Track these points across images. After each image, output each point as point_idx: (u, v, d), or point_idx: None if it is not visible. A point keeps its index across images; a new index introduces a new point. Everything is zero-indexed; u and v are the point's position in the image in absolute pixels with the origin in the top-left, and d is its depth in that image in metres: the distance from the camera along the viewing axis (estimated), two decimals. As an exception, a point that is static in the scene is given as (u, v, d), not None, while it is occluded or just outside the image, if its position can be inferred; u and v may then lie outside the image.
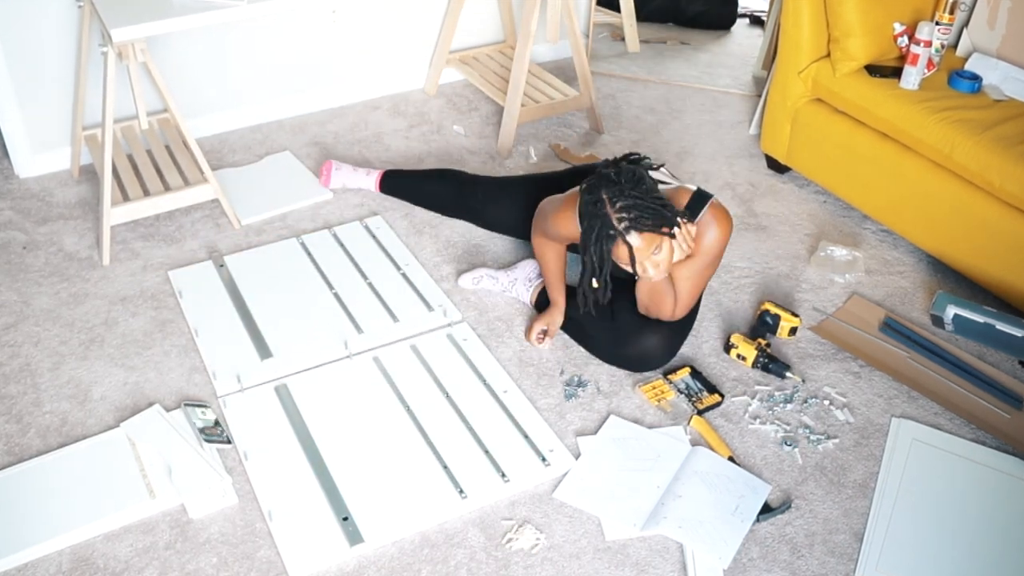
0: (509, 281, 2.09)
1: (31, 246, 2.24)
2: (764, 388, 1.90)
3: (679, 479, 1.66)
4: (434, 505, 1.61)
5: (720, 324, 2.07)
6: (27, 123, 2.43)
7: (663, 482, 1.66)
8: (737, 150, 2.77)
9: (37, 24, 2.32)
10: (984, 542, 1.59)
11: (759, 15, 3.69)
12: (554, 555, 1.54)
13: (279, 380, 1.85)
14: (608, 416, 1.80)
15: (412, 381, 1.86)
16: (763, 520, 1.61)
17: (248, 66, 2.68)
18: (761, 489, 1.66)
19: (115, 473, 1.64)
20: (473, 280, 2.11)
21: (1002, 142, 2.03)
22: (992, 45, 2.33)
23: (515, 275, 2.10)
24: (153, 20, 1.94)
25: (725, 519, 1.59)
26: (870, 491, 1.67)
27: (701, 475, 1.67)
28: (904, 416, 1.84)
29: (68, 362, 1.90)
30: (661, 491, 1.64)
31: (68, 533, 1.53)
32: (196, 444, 1.67)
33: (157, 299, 2.08)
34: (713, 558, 1.52)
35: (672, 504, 1.61)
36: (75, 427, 1.75)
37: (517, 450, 1.72)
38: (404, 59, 2.95)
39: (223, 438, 1.68)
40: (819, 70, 2.39)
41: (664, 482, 1.66)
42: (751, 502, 1.62)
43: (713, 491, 1.64)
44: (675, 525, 1.57)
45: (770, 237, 2.37)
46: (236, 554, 1.52)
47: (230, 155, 2.63)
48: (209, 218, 2.35)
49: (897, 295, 2.18)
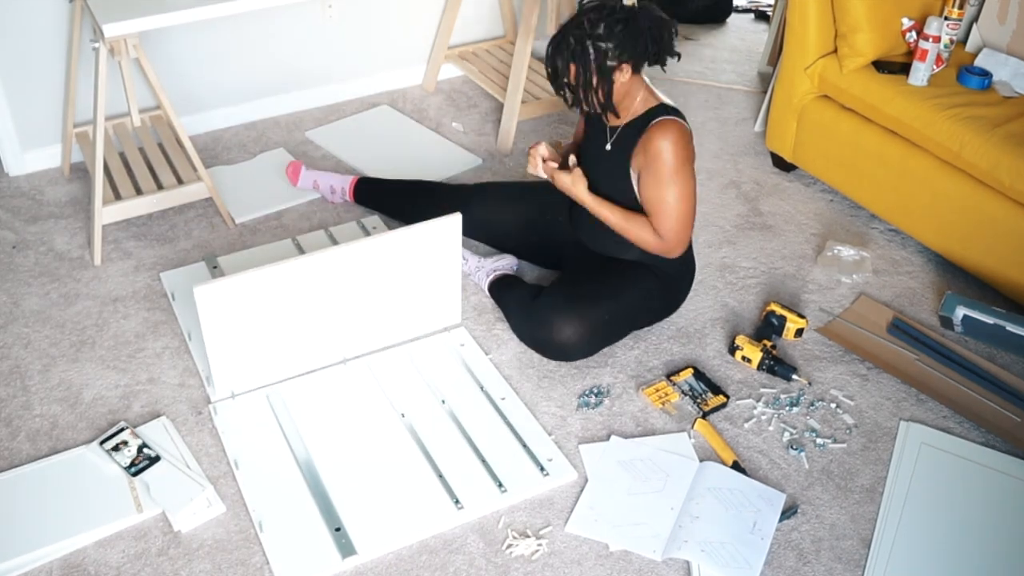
0: (476, 266, 2.09)
1: (21, 246, 2.21)
2: (770, 391, 1.86)
3: (692, 498, 1.62)
4: (429, 516, 1.57)
5: (725, 325, 2.03)
6: (17, 120, 2.40)
7: (676, 503, 1.61)
8: (742, 148, 2.73)
9: (27, 19, 2.29)
10: (994, 548, 1.56)
11: (764, 10, 3.65)
12: (555, 561, 1.51)
13: (271, 386, 1.82)
14: (610, 436, 1.75)
15: (407, 387, 1.83)
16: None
17: (242, 62, 2.65)
18: (776, 500, 1.62)
19: (104, 483, 1.61)
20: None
21: (1012, 139, 2.00)
22: (1002, 40, 2.29)
23: (483, 263, 2.09)
24: (145, 15, 1.91)
25: (744, 539, 1.54)
26: (878, 496, 1.65)
27: (715, 492, 1.63)
28: (913, 419, 1.81)
29: (59, 364, 1.87)
30: (676, 513, 1.60)
31: (59, 543, 1.50)
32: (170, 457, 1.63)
33: (149, 300, 2.05)
34: None
35: (690, 527, 1.56)
36: (66, 431, 1.72)
37: (515, 460, 1.68)
38: (402, 55, 2.92)
39: (151, 458, 1.63)
40: (826, 66, 2.36)
41: (678, 503, 1.61)
42: (768, 516, 1.59)
43: (729, 508, 1.60)
44: (697, 549, 1.52)
45: (776, 237, 2.34)
46: (230, 560, 1.50)
47: (224, 153, 2.60)
48: (203, 217, 2.32)
49: (905, 296, 2.15)
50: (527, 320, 1.87)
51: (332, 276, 1.77)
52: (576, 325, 1.81)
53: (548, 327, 1.82)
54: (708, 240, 2.32)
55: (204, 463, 1.66)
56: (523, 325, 1.89)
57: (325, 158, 2.59)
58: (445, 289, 1.94)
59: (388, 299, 1.86)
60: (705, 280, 2.17)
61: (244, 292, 1.67)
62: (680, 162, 1.73)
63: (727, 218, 2.41)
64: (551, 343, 1.83)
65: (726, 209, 2.45)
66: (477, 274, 2.09)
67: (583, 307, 1.82)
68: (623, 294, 1.86)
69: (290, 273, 1.71)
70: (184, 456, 1.66)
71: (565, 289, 1.87)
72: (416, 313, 1.94)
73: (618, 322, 1.87)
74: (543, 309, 1.84)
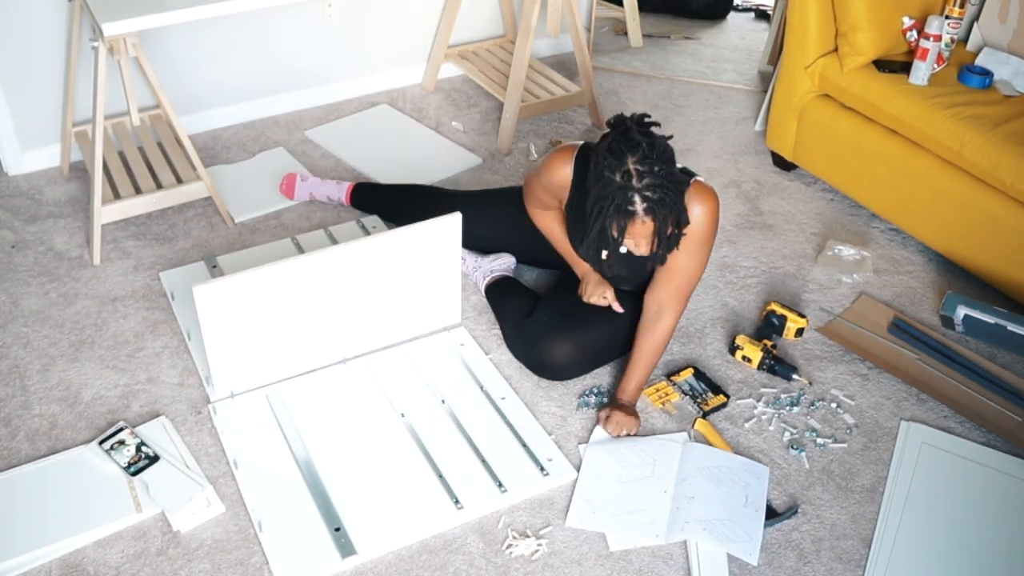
0: (474, 266, 2.08)
1: (20, 245, 2.21)
2: (770, 390, 1.86)
3: (684, 480, 1.64)
4: (429, 516, 1.57)
5: (725, 325, 2.03)
6: (16, 119, 2.39)
7: (669, 486, 1.63)
8: (742, 147, 2.73)
9: (26, 18, 2.29)
10: (995, 548, 1.56)
11: (764, 9, 3.64)
12: (555, 561, 1.51)
13: (271, 386, 1.81)
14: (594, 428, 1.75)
15: (407, 387, 1.82)
16: (769, 526, 1.58)
17: (242, 61, 2.64)
18: (761, 472, 1.66)
19: (103, 482, 1.60)
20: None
21: (1013, 138, 2.00)
22: (1003, 39, 2.29)
23: (481, 263, 2.07)
24: (144, 14, 1.90)
25: (741, 513, 1.58)
26: (878, 496, 1.65)
27: (704, 471, 1.65)
28: (913, 419, 1.81)
29: (58, 364, 1.86)
30: (671, 496, 1.61)
31: (58, 543, 1.50)
32: (169, 456, 1.63)
33: (149, 300, 2.04)
34: (744, 554, 1.52)
35: (687, 508, 1.59)
36: (65, 430, 1.71)
37: (515, 459, 1.68)
38: (401, 54, 2.91)
39: (150, 458, 1.63)
40: (826, 65, 2.35)
41: (670, 486, 1.63)
42: (757, 488, 1.63)
43: (720, 486, 1.63)
44: (699, 528, 1.55)
45: (776, 236, 2.34)
46: (230, 560, 1.49)
47: (223, 152, 2.59)
48: (202, 216, 2.31)
49: (906, 295, 2.15)
50: (519, 338, 1.85)
51: (332, 276, 1.76)
52: (567, 348, 1.78)
53: (539, 349, 1.79)
54: (708, 239, 2.32)
55: (203, 463, 1.66)
56: (515, 343, 1.87)
57: (324, 157, 2.59)
58: (445, 289, 1.93)
59: (388, 299, 1.86)
60: (706, 280, 2.17)
61: (243, 292, 1.67)
62: (714, 231, 1.67)
63: (727, 217, 2.41)
64: (542, 365, 1.81)
65: (726, 208, 2.44)
66: (475, 274, 2.08)
67: (575, 329, 1.79)
68: (617, 316, 1.83)
69: (289, 273, 1.70)
70: (183, 456, 1.66)
71: (558, 306, 1.83)
72: (416, 313, 1.94)
73: (611, 345, 1.84)
74: (535, 328, 1.81)
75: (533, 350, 1.81)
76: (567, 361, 1.79)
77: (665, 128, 2.81)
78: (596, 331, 1.81)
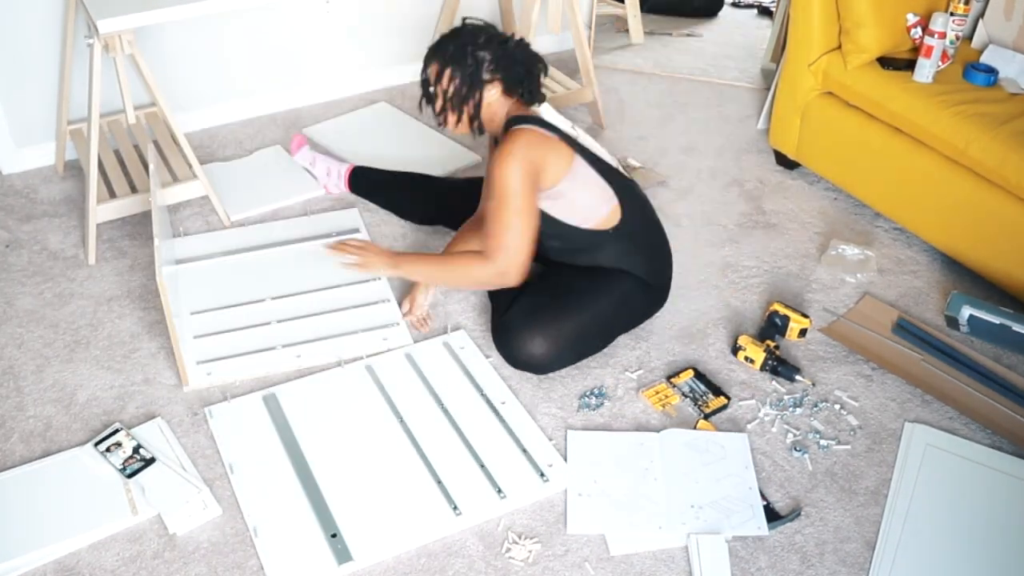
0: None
1: (14, 245, 2.19)
2: (773, 392, 1.84)
3: (671, 464, 1.66)
4: (427, 522, 1.55)
5: (727, 325, 2.01)
6: (10, 117, 2.38)
7: (659, 473, 1.64)
8: (745, 145, 2.71)
9: (20, 14, 2.27)
10: (1000, 551, 1.55)
11: (767, 5, 3.62)
12: (556, 565, 1.50)
13: (267, 389, 1.79)
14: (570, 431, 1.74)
15: (405, 391, 1.80)
16: (772, 528, 1.56)
17: (239, 58, 2.63)
18: (740, 441, 1.71)
19: (98, 485, 1.59)
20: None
21: (1019, 137, 1.99)
22: (1009, 37, 2.27)
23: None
24: (140, 11, 1.89)
25: (735, 487, 1.62)
26: (882, 498, 1.63)
27: (688, 453, 1.68)
28: (918, 420, 1.79)
29: (52, 365, 1.85)
30: (663, 483, 1.62)
31: (53, 545, 1.49)
32: (165, 458, 1.61)
33: (144, 300, 2.02)
34: (752, 528, 1.55)
35: (684, 493, 1.60)
36: (60, 432, 1.70)
37: (515, 465, 1.66)
38: (401, 51, 2.89)
39: (146, 460, 1.61)
40: (830, 63, 2.33)
41: (659, 472, 1.65)
42: (742, 458, 1.68)
43: (708, 464, 1.66)
44: (701, 511, 1.57)
45: (779, 235, 2.32)
46: (226, 563, 1.48)
47: (220, 150, 2.58)
48: (198, 215, 2.30)
49: (910, 295, 2.13)
50: (496, 338, 1.84)
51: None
52: (540, 341, 1.76)
53: (513, 346, 1.78)
54: (710, 239, 2.30)
55: (200, 465, 1.64)
56: (495, 342, 1.86)
57: (323, 155, 2.57)
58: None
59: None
60: (707, 279, 2.15)
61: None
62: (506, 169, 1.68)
63: (730, 216, 2.39)
64: (519, 361, 1.80)
65: (729, 207, 2.43)
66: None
67: (548, 322, 1.77)
68: (595, 304, 1.80)
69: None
70: (179, 458, 1.64)
71: (534, 300, 1.81)
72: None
73: (591, 334, 1.82)
74: (509, 324, 1.79)
75: (507, 347, 1.80)
76: (543, 355, 1.77)
77: (666, 126, 2.80)
78: (569, 321, 1.78)
